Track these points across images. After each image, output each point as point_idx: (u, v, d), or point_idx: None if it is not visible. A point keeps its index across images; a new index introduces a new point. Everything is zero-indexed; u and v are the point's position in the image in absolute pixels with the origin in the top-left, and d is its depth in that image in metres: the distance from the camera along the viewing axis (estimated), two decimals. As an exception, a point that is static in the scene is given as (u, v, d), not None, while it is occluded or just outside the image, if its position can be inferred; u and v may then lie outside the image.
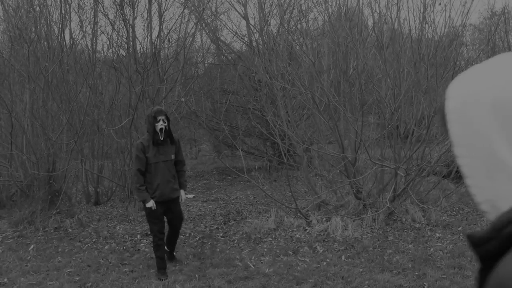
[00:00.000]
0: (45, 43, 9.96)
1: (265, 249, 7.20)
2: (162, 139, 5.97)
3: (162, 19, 10.83)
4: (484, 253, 0.86)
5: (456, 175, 9.25)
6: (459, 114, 0.91)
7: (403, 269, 6.09)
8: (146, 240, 7.88)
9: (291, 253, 6.95)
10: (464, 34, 10.18)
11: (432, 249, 6.81)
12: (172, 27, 11.91)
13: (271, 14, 13.91)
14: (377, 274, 5.96)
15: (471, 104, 0.89)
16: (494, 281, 0.78)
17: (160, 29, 10.81)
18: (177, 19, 11.94)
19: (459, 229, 7.73)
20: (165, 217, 6.32)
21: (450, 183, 9.65)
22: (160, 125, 5.93)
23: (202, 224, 8.83)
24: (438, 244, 7.08)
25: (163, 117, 5.95)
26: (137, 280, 6.05)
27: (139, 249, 7.46)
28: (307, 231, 7.98)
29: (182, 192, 6.33)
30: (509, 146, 0.84)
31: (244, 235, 7.93)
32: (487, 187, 0.89)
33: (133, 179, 6.17)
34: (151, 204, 5.95)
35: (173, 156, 6.16)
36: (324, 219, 8.22)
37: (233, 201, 10.97)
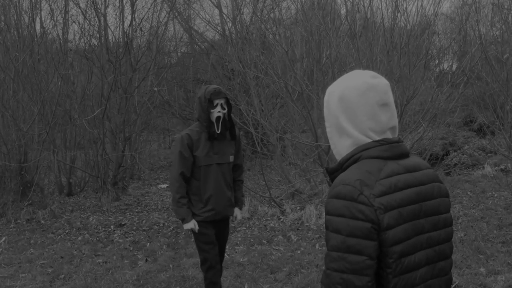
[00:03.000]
0: (15, 32, 9.77)
1: (239, 239, 7.21)
2: (219, 132, 4.16)
3: (134, 8, 10.69)
4: (333, 178, 1.69)
5: (429, 163, 9.39)
6: (326, 103, 1.75)
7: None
8: (120, 231, 7.83)
9: (265, 242, 6.98)
10: (436, 23, 10.27)
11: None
12: (144, 16, 11.72)
13: (244, 3, 13.85)
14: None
15: (331, 97, 1.72)
16: (332, 184, 1.60)
17: (132, 18, 10.68)
18: (149, 8, 11.77)
19: (430, 216, 7.84)
20: None
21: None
22: (217, 112, 4.13)
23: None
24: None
25: (223, 101, 4.18)
26: (110, 271, 6.01)
27: (112, 240, 7.40)
28: (281, 220, 8.02)
29: (237, 211, 4.52)
30: (347, 121, 1.66)
31: (219, 225, 7.92)
32: (338, 144, 1.72)
33: (172, 186, 4.18)
34: (191, 225, 4.15)
35: (231, 158, 4.36)
36: (298, 207, 8.27)
37: (207, 190, 10.93)
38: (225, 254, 6.36)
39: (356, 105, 1.65)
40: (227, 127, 4.24)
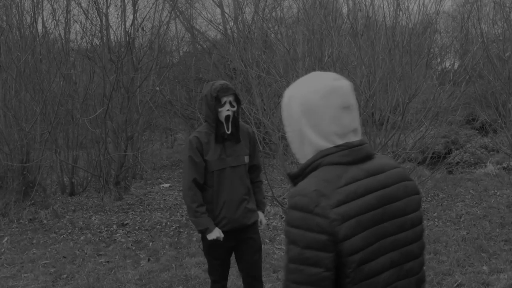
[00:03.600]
0: (17, 32, 9.78)
1: (242, 238, 7.20)
2: (229, 132, 3.76)
3: (136, 8, 10.70)
4: (295, 183, 1.63)
5: (431, 161, 9.37)
6: (286, 106, 1.67)
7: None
8: (122, 231, 7.84)
9: (267, 241, 6.98)
10: (438, 22, 10.25)
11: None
12: (146, 16, 11.73)
13: (245, 2, 13.85)
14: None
15: (292, 100, 1.65)
16: (290, 193, 1.55)
17: (134, 18, 10.69)
18: (151, 8, 11.78)
19: (434, 214, 7.83)
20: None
21: (425, 169, 9.78)
22: (226, 110, 3.72)
23: (178, 213, 8.80)
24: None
25: (231, 98, 3.76)
26: (113, 271, 6.02)
27: (115, 240, 7.41)
28: (284, 219, 8.01)
29: (261, 215, 4.05)
30: (309, 126, 1.60)
31: (221, 224, 7.92)
32: (300, 149, 1.66)
33: (187, 197, 3.75)
34: (217, 234, 3.70)
35: (246, 159, 3.93)
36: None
37: (209, 190, 10.94)
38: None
39: (318, 109, 1.59)
40: (237, 126, 3.83)
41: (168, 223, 8.21)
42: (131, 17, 10.94)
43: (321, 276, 1.47)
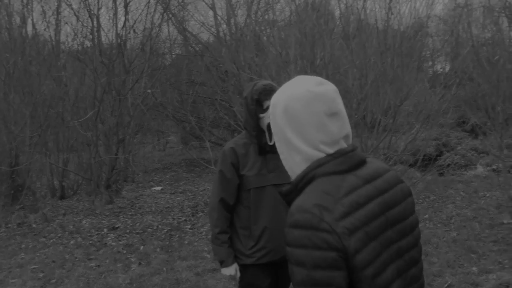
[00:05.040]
0: (6, 33, 9.72)
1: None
2: (272, 143, 3.02)
3: (128, 9, 10.65)
4: (289, 200, 1.51)
5: (422, 164, 9.38)
6: (272, 113, 1.57)
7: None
8: (113, 234, 7.79)
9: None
10: (429, 25, 10.29)
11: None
12: (138, 18, 11.69)
13: (238, 4, 13.85)
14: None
15: (275, 107, 1.55)
16: (289, 211, 1.43)
17: (126, 20, 10.64)
18: (143, 10, 11.73)
19: (425, 216, 7.85)
20: None
21: (417, 171, 9.78)
22: (269, 117, 2.72)
23: (170, 217, 8.77)
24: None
25: None
26: (103, 275, 5.98)
27: (105, 243, 7.36)
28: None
29: None
30: (295, 135, 1.50)
31: (212, 227, 7.89)
32: (289, 160, 1.55)
33: (210, 218, 3.25)
34: (232, 271, 3.19)
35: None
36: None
37: (201, 192, 10.93)
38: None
39: (301, 117, 1.49)
40: None
41: (160, 226, 8.17)
42: (122, 19, 10.88)
43: None
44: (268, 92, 3.05)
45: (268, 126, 3.00)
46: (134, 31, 11.19)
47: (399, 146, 8.53)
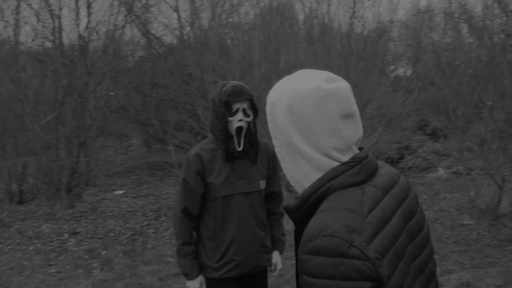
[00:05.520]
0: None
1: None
2: (241, 148, 2.94)
3: (90, 10, 10.48)
4: (297, 218, 1.29)
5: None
6: (270, 114, 1.33)
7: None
8: (74, 239, 7.63)
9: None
10: (391, 30, 10.45)
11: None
12: (101, 19, 11.51)
13: (202, 7, 13.78)
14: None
15: (275, 105, 1.31)
16: (306, 234, 1.17)
17: (88, 21, 10.47)
18: (106, 11, 11.55)
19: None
20: None
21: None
22: (238, 120, 2.89)
23: (132, 221, 8.64)
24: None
25: (246, 105, 2.92)
26: (64, 281, 5.84)
27: (66, 249, 7.20)
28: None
29: (277, 256, 3.23)
30: (302, 139, 1.26)
31: (176, 231, 7.81)
32: (293, 168, 1.31)
33: (174, 228, 3.14)
34: (196, 284, 3.00)
35: (263, 184, 3.08)
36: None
37: (164, 196, 10.82)
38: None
39: (311, 120, 1.25)
40: (252, 141, 2.96)
41: (122, 230, 8.04)
42: (85, 20, 10.70)
43: None
44: (238, 94, 2.85)
45: (238, 130, 2.88)
46: (97, 32, 11.03)
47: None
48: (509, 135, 7.17)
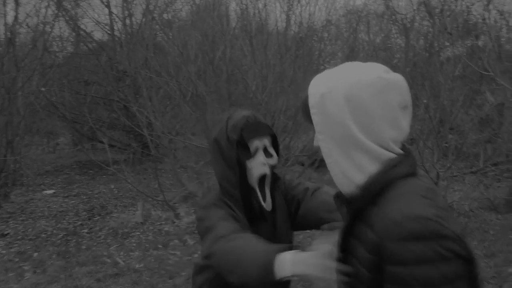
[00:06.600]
0: None
1: (134, 244, 7.01)
2: (269, 208, 2.03)
3: (18, 2, 10.06)
4: (355, 208, 1.26)
5: (320, 164, 9.70)
6: (318, 107, 1.28)
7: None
8: (3, 242, 7.31)
9: (161, 246, 6.84)
10: (327, 30, 10.68)
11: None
12: (30, 12, 11.06)
13: (135, 2, 13.56)
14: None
15: (328, 98, 1.25)
16: (388, 221, 1.16)
17: (17, 13, 10.05)
18: (35, 4, 11.13)
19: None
20: None
21: (314, 172, 10.10)
22: (261, 164, 1.96)
23: (64, 221, 8.39)
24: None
25: (267, 142, 2.00)
26: (-6, 285, 5.60)
27: (-6, 251, 6.91)
28: (176, 223, 7.91)
29: None
30: (360, 130, 1.23)
31: (111, 231, 7.67)
32: (342, 162, 1.26)
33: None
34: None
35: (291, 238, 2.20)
36: (192, 211, 8.21)
37: (96, 195, 10.56)
38: (120, 261, 6.19)
39: (372, 109, 1.22)
40: (276, 188, 2.09)
41: (55, 231, 7.79)
42: (12, 12, 10.27)
43: None
44: (255, 127, 1.97)
45: (261, 179, 2.00)
46: (27, 25, 10.61)
47: (298, 148, 8.76)
48: (443, 133, 7.48)
